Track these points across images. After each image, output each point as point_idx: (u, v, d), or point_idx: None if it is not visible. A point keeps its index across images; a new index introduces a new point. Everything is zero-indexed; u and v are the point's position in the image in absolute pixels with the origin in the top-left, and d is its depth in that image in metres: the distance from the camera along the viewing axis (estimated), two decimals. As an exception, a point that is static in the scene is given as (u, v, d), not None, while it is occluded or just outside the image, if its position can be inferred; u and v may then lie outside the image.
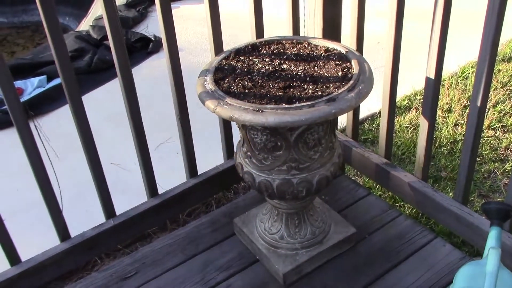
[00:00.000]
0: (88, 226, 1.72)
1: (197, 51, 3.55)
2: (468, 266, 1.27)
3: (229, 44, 1.63)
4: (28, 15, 4.89)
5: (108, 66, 3.37)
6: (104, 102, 3.07)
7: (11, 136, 1.94)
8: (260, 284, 1.60)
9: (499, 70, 3.04)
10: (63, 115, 2.93)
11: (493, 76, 2.96)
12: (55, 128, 2.86)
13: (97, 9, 4.20)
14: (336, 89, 1.31)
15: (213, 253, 1.72)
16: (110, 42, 1.50)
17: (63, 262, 1.66)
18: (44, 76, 3.30)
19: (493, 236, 1.29)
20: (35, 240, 1.95)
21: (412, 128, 2.62)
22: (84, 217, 1.89)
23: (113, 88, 3.07)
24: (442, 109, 2.74)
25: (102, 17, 1.48)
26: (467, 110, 2.64)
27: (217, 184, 1.95)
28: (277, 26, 2.30)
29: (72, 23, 4.73)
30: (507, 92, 2.85)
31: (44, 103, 3.09)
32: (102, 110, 2.93)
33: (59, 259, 1.64)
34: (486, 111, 2.68)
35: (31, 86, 3.22)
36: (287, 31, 1.85)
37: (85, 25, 4.11)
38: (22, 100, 3.03)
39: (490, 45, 1.37)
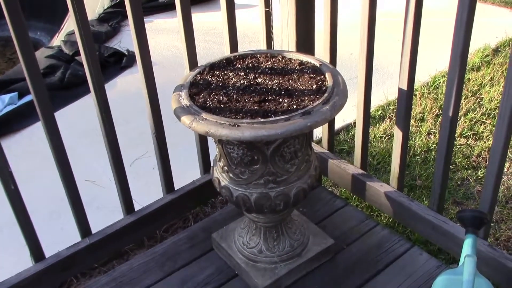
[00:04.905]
0: (63, 245, 1.68)
1: (171, 66, 3.54)
2: (444, 275, 1.29)
3: (203, 58, 1.63)
4: (-2, 30, 4.82)
5: (81, 81, 3.33)
6: (78, 118, 3.02)
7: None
8: (240, 299, 1.59)
9: (468, 79, 3.10)
10: (36, 132, 2.87)
11: (463, 85, 3.02)
12: (28, 146, 2.81)
13: (70, 24, 4.16)
14: (311, 102, 1.32)
15: (191, 269, 1.70)
16: (83, 57, 1.48)
17: (38, 284, 1.61)
18: (16, 93, 3.24)
19: (468, 244, 1.31)
20: (8, 261, 1.90)
21: (386, 138, 2.65)
22: (59, 236, 1.86)
23: (86, 104, 3.03)
24: (415, 119, 2.78)
25: (74, 32, 1.46)
26: (439, 119, 2.69)
27: (194, 199, 1.93)
28: (251, 38, 2.31)
29: (44, 37, 4.67)
30: (477, 101, 2.91)
31: (15, 121, 3.03)
32: (76, 126, 2.89)
33: (34, 281, 1.60)
34: (458, 119, 2.73)
35: (2, 104, 3.16)
36: (261, 45, 1.86)
37: (57, 41, 4.06)
38: (-8, 117, 2.97)
39: (460, 57, 1.40)
